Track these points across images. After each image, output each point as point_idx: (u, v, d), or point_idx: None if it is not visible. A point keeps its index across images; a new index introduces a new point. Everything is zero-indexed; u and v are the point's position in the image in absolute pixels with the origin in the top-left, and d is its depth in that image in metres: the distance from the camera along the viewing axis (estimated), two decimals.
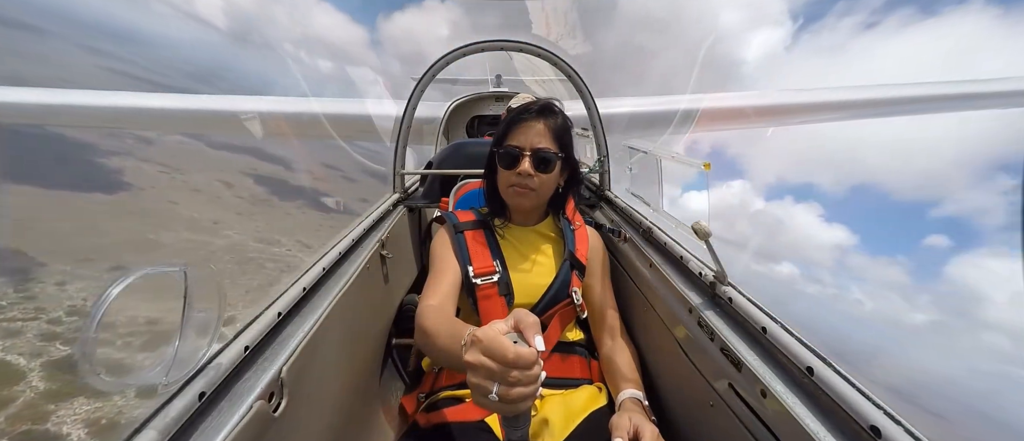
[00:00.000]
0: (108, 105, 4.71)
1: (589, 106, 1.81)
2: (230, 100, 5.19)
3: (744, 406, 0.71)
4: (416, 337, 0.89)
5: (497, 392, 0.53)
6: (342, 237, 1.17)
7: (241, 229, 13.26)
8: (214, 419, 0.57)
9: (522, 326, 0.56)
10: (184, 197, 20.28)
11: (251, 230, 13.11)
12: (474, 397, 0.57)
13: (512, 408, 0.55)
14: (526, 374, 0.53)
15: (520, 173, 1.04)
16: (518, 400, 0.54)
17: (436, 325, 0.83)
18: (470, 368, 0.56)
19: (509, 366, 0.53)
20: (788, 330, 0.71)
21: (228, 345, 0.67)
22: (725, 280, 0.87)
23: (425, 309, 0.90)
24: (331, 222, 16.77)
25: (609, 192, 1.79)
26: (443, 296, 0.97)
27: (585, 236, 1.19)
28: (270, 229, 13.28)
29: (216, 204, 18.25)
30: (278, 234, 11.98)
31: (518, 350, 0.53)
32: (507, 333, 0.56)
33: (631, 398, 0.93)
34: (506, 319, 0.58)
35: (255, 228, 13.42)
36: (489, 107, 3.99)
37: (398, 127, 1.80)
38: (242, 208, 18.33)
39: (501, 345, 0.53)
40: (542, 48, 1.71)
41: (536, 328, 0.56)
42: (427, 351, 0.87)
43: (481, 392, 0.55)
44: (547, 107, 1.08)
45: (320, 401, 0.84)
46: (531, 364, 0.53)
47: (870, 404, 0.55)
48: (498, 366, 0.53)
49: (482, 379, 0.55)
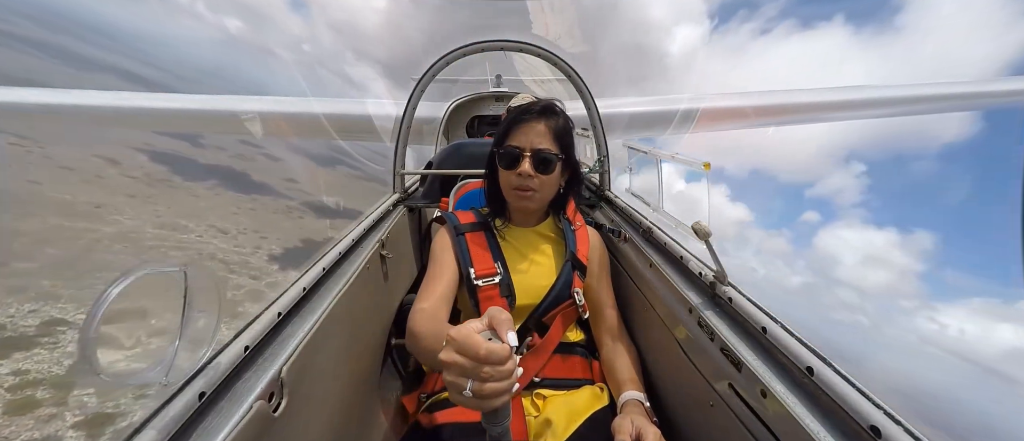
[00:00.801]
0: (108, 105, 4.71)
1: (589, 106, 1.81)
2: (230, 100, 5.19)
3: (744, 406, 0.71)
4: (407, 340, 0.92)
5: (471, 388, 0.54)
6: (342, 237, 1.17)
7: (135, 214, 11.71)
8: (214, 419, 0.57)
9: (495, 323, 0.57)
10: (49, 176, 17.19)
11: (149, 215, 11.61)
12: (450, 394, 0.58)
13: (487, 404, 0.55)
14: (498, 370, 0.54)
15: (521, 174, 1.04)
16: (492, 395, 0.55)
17: (423, 329, 0.87)
18: (445, 366, 0.57)
19: (481, 362, 0.54)
20: (788, 330, 0.71)
21: (228, 345, 0.67)
22: (725, 280, 0.87)
23: (415, 312, 0.92)
24: (252, 205, 14.88)
25: (609, 192, 1.79)
26: (436, 299, 0.98)
27: (586, 236, 1.19)
28: (174, 213, 11.86)
29: (98, 185, 15.87)
30: (185, 219, 10.55)
31: (490, 346, 0.54)
32: (482, 331, 0.57)
33: (633, 400, 0.93)
34: (481, 318, 0.59)
35: (154, 212, 11.82)
36: (489, 107, 3.99)
37: (398, 127, 1.80)
38: (136, 190, 16.26)
39: (474, 342, 0.54)
40: (542, 48, 1.71)
41: (509, 324, 0.57)
42: (416, 353, 0.90)
43: (456, 389, 0.56)
44: (549, 108, 1.08)
45: (320, 401, 0.84)
46: (503, 360, 0.54)
47: (870, 404, 0.55)
48: (470, 363, 0.54)
49: (456, 376, 0.56)
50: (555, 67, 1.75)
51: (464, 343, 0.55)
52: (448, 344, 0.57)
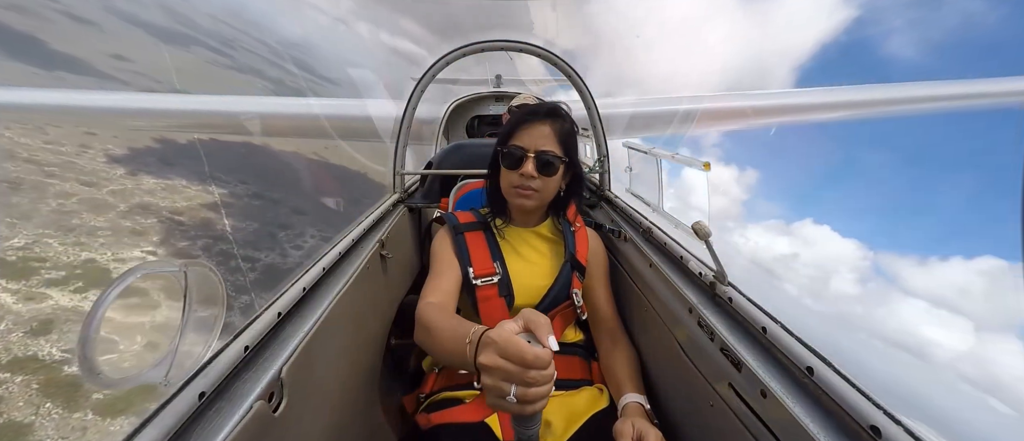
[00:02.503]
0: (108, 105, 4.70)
1: (589, 106, 1.81)
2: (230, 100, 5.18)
3: (744, 406, 0.71)
4: (417, 334, 0.88)
5: (515, 393, 0.53)
6: (342, 237, 1.17)
7: None
8: (214, 419, 0.57)
9: (533, 326, 0.56)
10: None
11: None
12: (488, 398, 0.57)
13: (529, 408, 0.55)
14: (542, 374, 0.54)
15: (523, 174, 1.04)
16: (535, 400, 0.54)
17: (438, 322, 0.82)
18: (485, 370, 0.56)
19: (528, 367, 0.53)
20: (788, 330, 0.71)
21: (228, 345, 0.67)
22: (725, 280, 0.87)
23: (426, 306, 0.89)
24: None
25: (609, 192, 1.79)
26: (444, 294, 0.97)
27: (585, 237, 1.18)
28: None
29: None
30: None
31: (536, 351, 0.53)
32: (519, 334, 0.56)
33: (633, 402, 0.92)
34: (515, 319, 0.58)
35: None
36: (489, 107, 3.99)
37: (398, 127, 1.80)
38: None
39: (518, 347, 0.53)
40: (542, 48, 1.71)
41: (548, 328, 0.56)
42: (428, 348, 0.86)
43: (497, 394, 0.55)
44: (555, 110, 1.08)
45: (320, 401, 0.83)
46: (547, 364, 0.54)
47: (870, 404, 0.55)
48: (516, 368, 0.53)
49: (498, 381, 0.55)
50: (555, 67, 1.75)
51: (507, 347, 0.54)
52: (488, 347, 0.57)
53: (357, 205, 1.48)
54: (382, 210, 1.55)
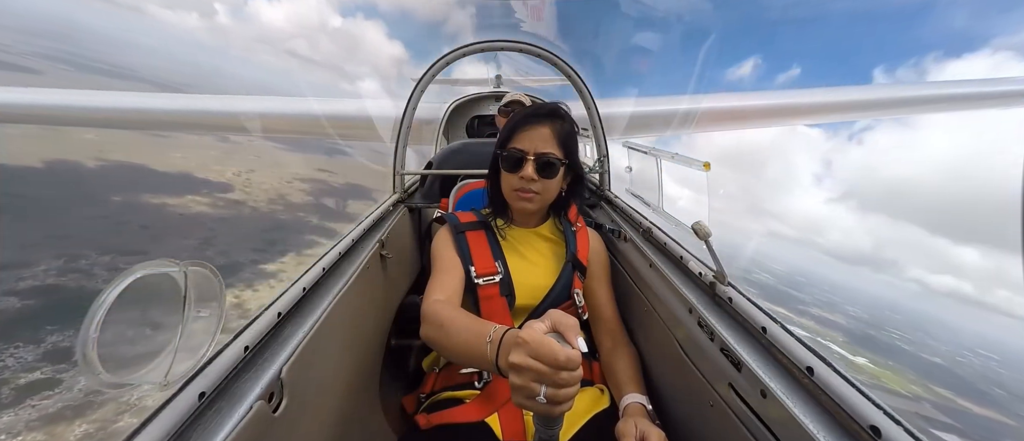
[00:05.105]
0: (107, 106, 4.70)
1: (589, 106, 1.81)
2: (230, 100, 5.19)
3: (744, 406, 0.71)
4: (425, 330, 0.86)
5: (545, 394, 0.54)
6: (342, 237, 1.17)
7: None
8: (214, 419, 0.57)
9: (562, 328, 0.57)
10: None
11: None
12: (516, 398, 0.57)
13: (558, 409, 0.56)
14: (573, 375, 0.55)
15: (523, 177, 1.03)
16: (565, 401, 0.55)
17: (452, 319, 0.80)
18: (515, 369, 0.56)
19: (560, 368, 0.53)
20: (788, 330, 0.71)
21: (228, 345, 0.67)
22: (725, 280, 0.87)
23: (433, 303, 0.88)
24: None
25: (609, 192, 1.79)
26: (451, 292, 0.97)
27: (586, 238, 1.18)
28: None
29: None
30: None
31: (568, 352, 0.54)
32: (547, 334, 0.57)
33: (635, 403, 0.92)
34: (542, 319, 0.59)
35: None
36: (489, 107, 3.99)
37: (398, 127, 1.80)
38: None
39: (551, 348, 0.54)
40: (542, 48, 1.71)
41: (577, 329, 0.57)
42: (438, 344, 0.83)
43: (527, 394, 0.55)
44: (555, 111, 1.07)
45: (320, 401, 0.83)
46: (578, 366, 0.55)
47: (870, 404, 0.55)
48: (548, 368, 0.54)
49: (528, 381, 0.55)
50: (555, 67, 1.75)
51: (540, 348, 0.54)
52: (519, 347, 0.57)
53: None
54: (382, 210, 1.55)
